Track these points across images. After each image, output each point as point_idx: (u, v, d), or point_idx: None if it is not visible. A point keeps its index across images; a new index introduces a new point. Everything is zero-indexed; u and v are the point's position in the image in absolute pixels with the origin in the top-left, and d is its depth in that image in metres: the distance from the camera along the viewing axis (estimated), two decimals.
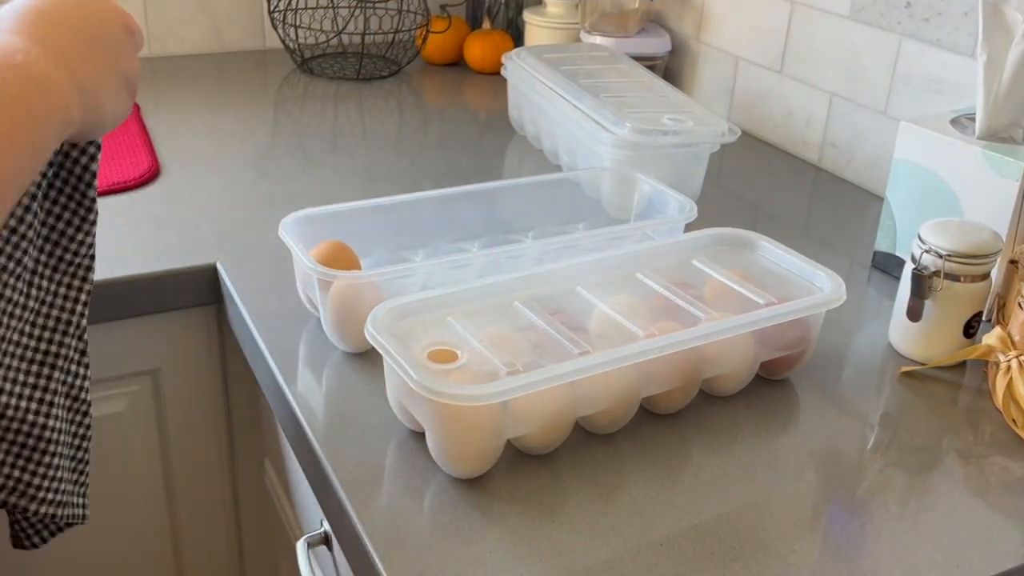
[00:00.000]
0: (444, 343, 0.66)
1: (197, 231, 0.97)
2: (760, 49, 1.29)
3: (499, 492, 0.64)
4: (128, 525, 1.02)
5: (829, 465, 0.69)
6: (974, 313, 0.80)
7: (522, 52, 1.22)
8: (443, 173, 1.14)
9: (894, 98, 1.12)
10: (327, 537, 0.79)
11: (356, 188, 1.09)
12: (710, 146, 1.05)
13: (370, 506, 0.62)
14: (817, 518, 0.64)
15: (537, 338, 0.68)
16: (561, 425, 0.66)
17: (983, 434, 0.74)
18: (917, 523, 0.64)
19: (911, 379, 0.80)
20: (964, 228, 0.80)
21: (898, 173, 0.92)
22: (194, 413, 1.01)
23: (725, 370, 0.73)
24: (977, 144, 0.86)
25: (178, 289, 0.92)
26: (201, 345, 0.98)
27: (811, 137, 1.24)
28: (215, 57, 1.53)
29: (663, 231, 0.86)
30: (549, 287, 0.74)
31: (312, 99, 1.38)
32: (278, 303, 0.85)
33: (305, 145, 1.21)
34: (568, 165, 1.13)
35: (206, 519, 1.06)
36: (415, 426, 0.68)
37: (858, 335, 0.86)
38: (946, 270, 0.79)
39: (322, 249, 0.78)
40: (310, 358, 0.78)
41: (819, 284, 0.76)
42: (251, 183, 1.09)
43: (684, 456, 0.69)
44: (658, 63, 1.39)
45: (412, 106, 1.39)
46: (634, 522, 0.62)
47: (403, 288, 0.76)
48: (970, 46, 1.02)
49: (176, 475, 1.02)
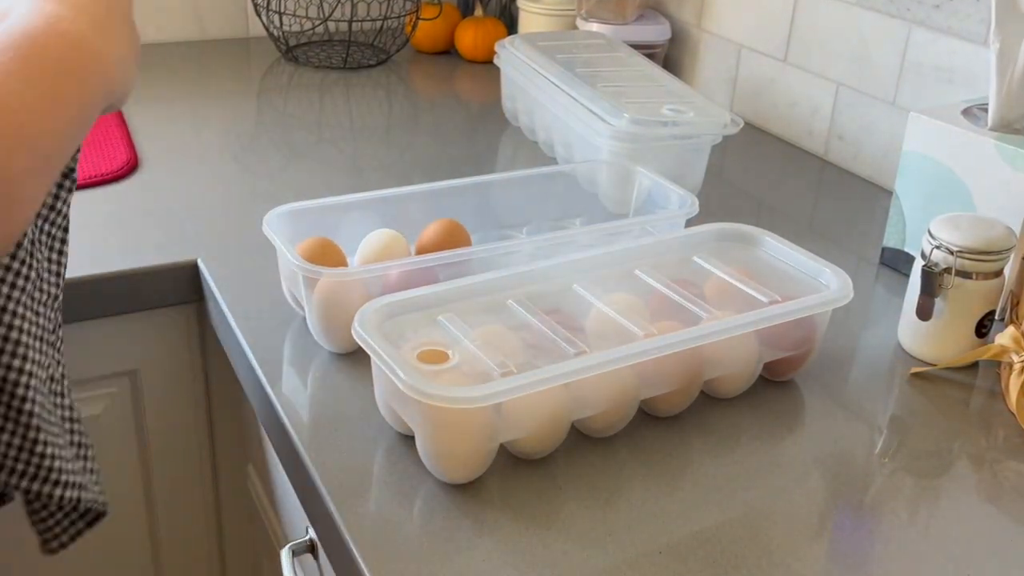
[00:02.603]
0: (435, 343, 0.66)
1: (177, 226, 0.97)
2: (764, 36, 1.29)
3: (492, 498, 0.64)
4: (106, 533, 1.02)
5: (835, 470, 0.69)
6: (987, 312, 0.80)
7: (516, 40, 1.22)
8: (434, 166, 1.14)
9: (903, 88, 1.12)
10: (312, 545, 0.79)
11: (343, 181, 1.09)
12: (712, 138, 1.05)
13: (357, 513, 0.62)
14: (823, 525, 0.64)
15: (532, 338, 0.68)
16: (556, 429, 0.66)
17: (996, 438, 0.74)
18: (927, 531, 0.64)
19: (921, 380, 0.80)
20: (976, 223, 0.80)
21: (907, 166, 0.92)
22: (174, 416, 1.01)
23: (727, 371, 0.73)
24: (990, 136, 0.86)
25: (158, 287, 0.92)
26: (181, 345, 0.98)
27: (817, 128, 1.24)
28: (196, 45, 1.52)
29: (663, 226, 0.86)
30: (544, 285, 0.74)
31: (297, 89, 1.37)
32: (262, 301, 0.85)
33: (290, 137, 1.20)
34: (564, 158, 1.13)
35: (187, 526, 1.06)
36: (404, 429, 0.68)
37: (866, 335, 0.86)
38: (957, 267, 0.79)
39: (308, 245, 0.78)
40: (295, 359, 0.77)
41: (825, 282, 0.76)
42: (234, 176, 1.09)
43: (684, 461, 0.69)
44: (657, 51, 1.39)
45: (401, 96, 1.38)
46: (633, 529, 0.62)
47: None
48: (982, 33, 1.02)
49: (155, 481, 1.02)
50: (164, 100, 1.29)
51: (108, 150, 1.10)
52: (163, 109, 1.26)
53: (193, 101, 1.30)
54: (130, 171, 1.07)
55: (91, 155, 1.09)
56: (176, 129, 1.20)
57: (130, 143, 1.13)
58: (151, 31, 1.50)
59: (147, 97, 1.29)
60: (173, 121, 1.23)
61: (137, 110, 1.25)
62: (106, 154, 1.09)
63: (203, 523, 1.07)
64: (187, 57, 1.47)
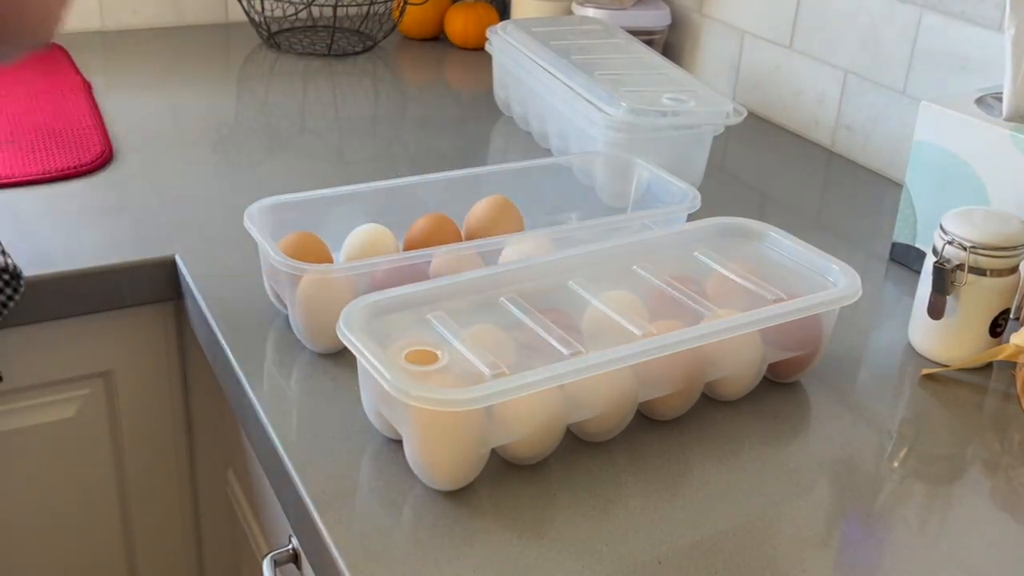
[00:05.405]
0: (423, 343, 0.65)
1: (154, 221, 0.97)
2: (768, 22, 1.29)
3: (483, 506, 0.64)
4: (79, 540, 1.01)
5: (843, 476, 0.69)
6: (1001, 310, 0.80)
7: (508, 26, 1.22)
8: (422, 158, 1.14)
9: (914, 76, 1.12)
10: (295, 554, 0.79)
11: (327, 174, 1.09)
12: (713, 128, 1.05)
13: (342, 521, 0.62)
14: (830, 534, 0.64)
15: (525, 338, 0.67)
16: (551, 433, 0.66)
17: (1011, 442, 0.74)
18: (939, 540, 0.64)
19: (933, 382, 0.80)
20: (990, 217, 0.80)
21: (918, 157, 0.92)
22: (150, 419, 1.01)
23: (730, 372, 0.73)
24: (1005, 126, 0.86)
25: (133, 284, 0.91)
26: (158, 345, 0.98)
27: (824, 118, 1.24)
28: (173, 31, 1.52)
29: (662, 221, 0.86)
30: (538, 282, 0.74)
31: (279, 77, 1.37)
32: (242, 299, 0.84)
33: (272, 127, 1.20)
34: (559, 149, 1.13)
35: (164, 535, 1.06)
36: (392, 434, 0.68)
37: (875, 334, 0.86)
38: (971, 263, 0.79)
39: (291, 240, 0.78)
40: (278, 359, 0.77)
41: (832, 278, 0.76)
42: (213, 169, 1.08)
43: (685, 466, 0.69)
44: (656, 37, 1.39)
45: (388, 85, 1.38)
46: (630, 539, 0.62)
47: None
48: (997, 19, 1.02)
49: (131, 487, 1.02)
50: (140, 89, 1.29)
51: (81, 141, 1.10)
52: (139, 98, 1.26)
53: (170, 90, 1.29)
54: (104, 163, 1.07)
55: (64, 146, 1.08)
56: (153, 119, 1.20)
57: (104, 134, 1.13)
58: (126, 15, 1.50)
59: (122, 85, 1.29)
60: (149, 111, 1.22)
61: (112, 99, 1.24)
62: (79, 145, 1.09)
63: (181, 531, 1.07)
64: (164, 43, 1.46)
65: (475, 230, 0.84)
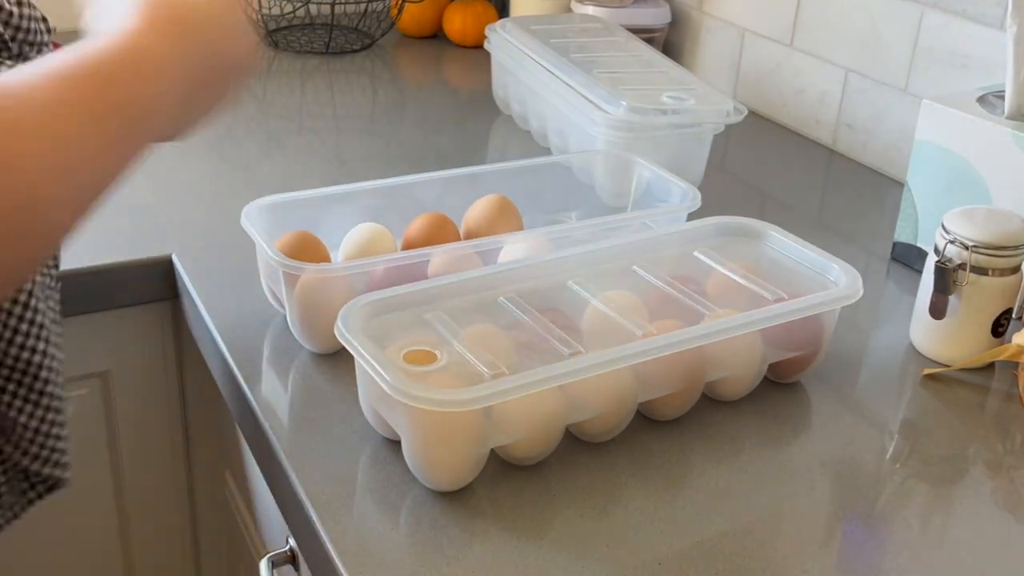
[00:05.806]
0: (422, 343, 0.65)
1: (150, 220, 0.97)
2: (768, 20, 1.28)
3: (482, 506, 0.64)
4: (76, 542, 1.01)
5: (844, 477, 0.69)
6: (1003, 310, 0.80)
7: (507, 23, 1.22)
8: (420, 156, 1.14)
9: (916, 74, 1.12)
10: (293, 556, 0.79)
11: (325, 172, 1.09)
12: (714, 127, 1.05)
13: (340, 522, 0.62)
14: (831, 535, 0.64)
15: (524, 337, 0.67)
16: (550, 433, 0.66)
17: (1014, 442, 0.74)
18: (941, 541, 0.64)
19: (934, 382, 0.80)
20: (992, 216, 0.80)
21: (920, 156, 0.92)
22: (147, 420, 1.00)
23: (730, 372, 0.73)
24: (1007, 124, 0.86)
25: (129, 284, 0.91)
26: (155, 345, 0.98)
27: (824, 117, 1.24)
28: None
29: (662, 220, 0.86)
30: (538, 282, 0.74)
31: (277, 75, 1.37)
32: (240, 299, 0.84)
33: (269, 126, 1.20)
34: (558, 148, 1.13)
35: (161, 536, 1.06)
36: (390, 434, 0.68)
37: (876, 334, 0.86)
38: (972, 262, 0.79)
39: (288, 240, 0.78)
40: (275, 359, 0.77)
41: (833, 278, 0.76)
42: (210, 167, 1.08)
43: (685, 467, 0.69)
44: (656, 35, 1.39)
45: (387, 83, 1.38)
46: (630, 540, 0.62)
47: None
48: (999, 17, 1.02)
49: (127, 488, 1.02)
50: None
51: None
52: None
53: None
54: None
55: None
56: None
57: None
58: None
59: None
60: None
61: None
62: None
63: (178, 532, 1.07)
64: None
65: (474, 229, 0.84)
